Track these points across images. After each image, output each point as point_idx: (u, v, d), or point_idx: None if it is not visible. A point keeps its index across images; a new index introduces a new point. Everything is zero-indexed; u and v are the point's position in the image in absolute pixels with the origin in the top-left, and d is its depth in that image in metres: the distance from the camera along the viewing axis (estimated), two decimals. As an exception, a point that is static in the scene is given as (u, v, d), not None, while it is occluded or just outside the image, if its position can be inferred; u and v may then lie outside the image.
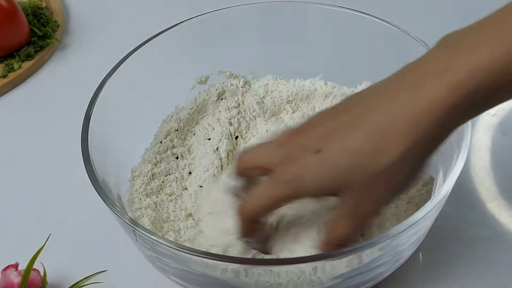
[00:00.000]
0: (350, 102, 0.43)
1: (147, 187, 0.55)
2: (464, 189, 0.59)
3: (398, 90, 0.39)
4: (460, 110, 0.38)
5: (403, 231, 0.42)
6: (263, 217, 0.45)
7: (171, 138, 0.59)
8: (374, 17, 0.59)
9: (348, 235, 0.42)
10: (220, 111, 0.62)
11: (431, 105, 0.38)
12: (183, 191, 0.56)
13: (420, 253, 0.54)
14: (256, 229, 0.46)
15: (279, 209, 0.44)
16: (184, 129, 0.61)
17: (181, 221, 0.53)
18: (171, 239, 0.51)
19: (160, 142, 0.58)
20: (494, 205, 0.58)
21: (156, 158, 0.57)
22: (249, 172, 0.46)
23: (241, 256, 0.47)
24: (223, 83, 0.63)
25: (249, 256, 0.47)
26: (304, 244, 0.46)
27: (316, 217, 0.47)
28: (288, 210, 0.47)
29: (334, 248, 0.42)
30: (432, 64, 0.39)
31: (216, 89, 0.63)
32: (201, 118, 0.62)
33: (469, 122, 0.48)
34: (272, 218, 0.47)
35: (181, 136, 0.60)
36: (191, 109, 0.62)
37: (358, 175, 0.40)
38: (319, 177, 0.41)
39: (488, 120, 0.66)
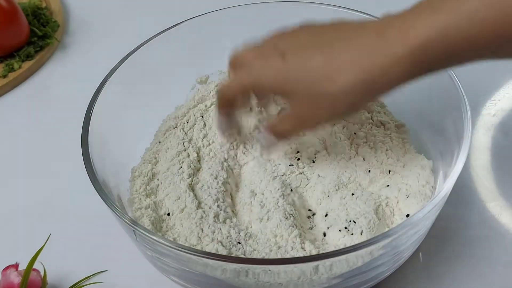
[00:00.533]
0: (330, 28, 0.46)
1: (147, 187, 0.55)
2: (464, 189, 0.59)
3: (367, 34, 0.43)
4: (414, 68, 0.41)
5: (403, 231, 0.42)
6: (232, 99, 0.51)
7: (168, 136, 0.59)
8: (374, 17, 0.58)
9: (285, 132, 0.49)
10: None
11: (386, 57, 0.41)
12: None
13: (420, 253, 0.54)
14: (228, 110, 0.53)
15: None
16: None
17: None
18: (171, 239, 0.51)
19: (159, 142, 0.58)
20: (494, 205, 0.58)
21: (155, 158, 0.57)
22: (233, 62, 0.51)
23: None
24: (222, 79, 0.63)
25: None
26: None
27: None
28: None
29: (271, 134, 0.50)
30: (399, 20, 0.42)
31: (215, 85, 0.63)
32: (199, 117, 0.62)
33: (469, 122, 0.48)
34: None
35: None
36: (190, 106, 0.62)
37: (306, 90, 0.45)
38: (275, 79, 0.46)
39: (488, 120, 0.66)
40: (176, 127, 0.59)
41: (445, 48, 0.40)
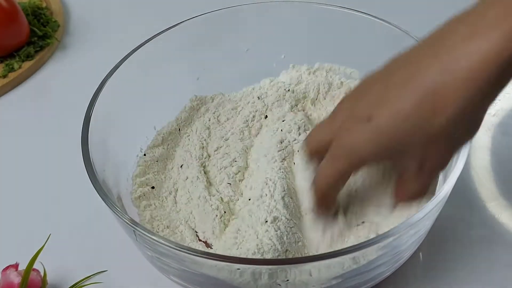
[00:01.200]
0: (396, 64, 0.41)
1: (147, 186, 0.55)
2: (464, 189, 0.59)
3: (446, 46, 0.38)
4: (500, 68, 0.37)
5: (403, 231, 0.42)
6: (334, 193, 0.45)
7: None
8: (374, 17, 0.59)
9: (419, 193, 0.43)
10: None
11: (485, 58, 0.36)
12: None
13: (420, 253, 0.54)
14: (330, 204, 0.46)
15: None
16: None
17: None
18: (172, 238, 0.51)
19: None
20: (494, 205, 0.58)
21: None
22: (315, 155, 0.46)
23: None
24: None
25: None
26: (384, 208, 0.46)
27: (381, 183, 0.48)
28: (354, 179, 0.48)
29: (410, 201, 0.43)
30: (481, 16, 0.37)
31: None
32: (198, 117, 0.62)
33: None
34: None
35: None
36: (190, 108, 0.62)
37: (414, 139, 0.39)
38: (374, 145, 0.40)
39: (488, 120, 0.66)
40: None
41: None
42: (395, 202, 0.45)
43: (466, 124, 0.39)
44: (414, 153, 0.40)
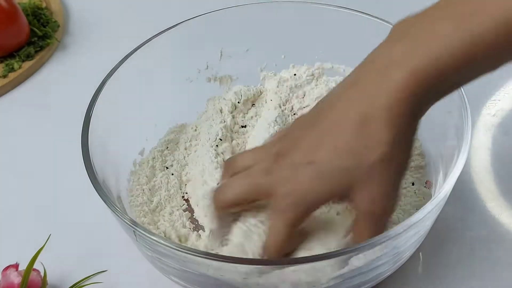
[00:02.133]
0: (324, 106, 0.43)
1: (148, 185, 0.55)
2: (464, 190, 0.59)
3: (366, 84, 0.40)
4: (430, 90, 0.39)
5: (403, 231, 0.42)
6: (290, 248, 0.43)
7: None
8: (374, 17, 0.59)
9: (376, 233, 0.42)
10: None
11: (399, 91, 0.39)
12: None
13: (420, 253, 0.54)
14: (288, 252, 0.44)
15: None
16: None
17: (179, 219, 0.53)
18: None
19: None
20: (494, 205, 0.58)
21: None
22: (230, 209, 0.44)
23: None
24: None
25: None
26: (329, 241, 0.44)
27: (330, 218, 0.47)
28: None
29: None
30: (390, 54, 0.40)
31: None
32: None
33: (469, 122, 0.48)
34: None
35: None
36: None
37: (356, 173, 0.39)
38: (320, 188, 0.40)
39: (488, 120, 0.66)
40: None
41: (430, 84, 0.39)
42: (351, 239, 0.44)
43: (402, 149, 0.41)
44: (358, 189, 0.40)
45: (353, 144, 0.40)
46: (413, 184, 0.54)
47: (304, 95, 0.62)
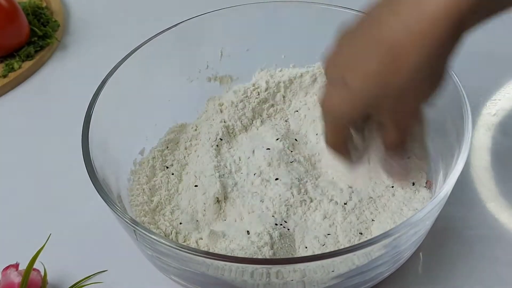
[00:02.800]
0: (361, 24, 0.44)
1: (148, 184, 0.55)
2: (464, 189, 0.59)
3: (402, 4, 0.40)
4: (470, 13, 0.39)
5: (403, 231, 0.42)
6: (342, 144, 0.50)
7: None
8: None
9: (399, 141, 0.47)
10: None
11: (439, 11, 0.39)
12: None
13: (420, 253, 0.54)
14: (344, 152, 0.51)
15: None
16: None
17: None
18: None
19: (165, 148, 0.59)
20: (494, 205, 0.58)
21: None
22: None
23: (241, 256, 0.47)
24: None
25: None
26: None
27: None
28: None
29: (395, 151, 0.49)
30: None
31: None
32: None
33: (470, 122, 0.48)
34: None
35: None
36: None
37: (384, 94, 0.43)
38: (351, 108, 0.45)
39: (488, 120, 0.66)
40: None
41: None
42: (385, 154, 0.51)
43: (428, 76, 0.42)
44: (388, 107, 0.44)
45: (382, 68, 0.42)
46: (413, 184, 0.54)
47: (306, 95, 0.62)
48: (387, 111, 0.44)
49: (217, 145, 0.58)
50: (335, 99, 0.46)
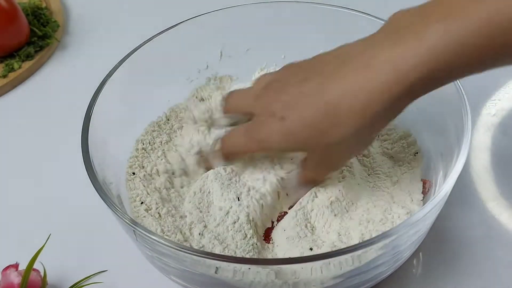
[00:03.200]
0: (315, 66, 0.47)
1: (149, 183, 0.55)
2: (464, 189, 0.59)
3: (351, 70, 0.43)
4: (409, 95, 0.42)
5: (403, 231, 0.42)
6: (238, 156, 0.53)
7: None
8: (374, 17, 0.58)
9: (318, 179, 0.51)
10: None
11: (379, 90, 0.41)
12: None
13: (420, 253, 0.54)
14: (232, 160, 0.54)
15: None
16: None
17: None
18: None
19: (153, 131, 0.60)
20: (494, 205, 0.58)
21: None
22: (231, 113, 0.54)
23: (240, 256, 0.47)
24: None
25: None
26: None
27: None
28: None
29: (305, 184, 0.52)
30: (380, 48, 0.42)
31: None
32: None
33: (469, 122, 0.48)
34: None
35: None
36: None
37: (314, 144, 0.46)
38: (282, 142, 0.47)
39: (488, 120, 0.66)
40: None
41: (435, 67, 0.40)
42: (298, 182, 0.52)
43: (357, 141, 0.46)
44: (313, 154, 0.48)
45: (319, 122, 0.44)
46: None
47: None
48: (312, 156, 0.48)
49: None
50: (268, 130, 0.47)
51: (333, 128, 0.44)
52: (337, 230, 0.50)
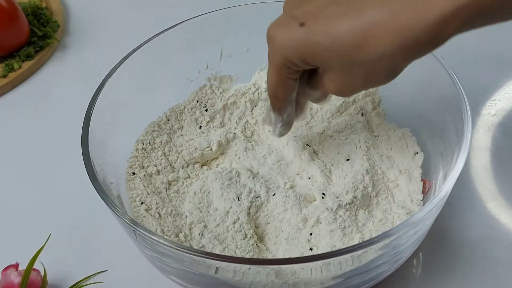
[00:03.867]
0: None
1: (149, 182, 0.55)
2: (464, 189, 0.59)
3: None
4: (455, 23, 0.37)
5: (403, 231, 0.42)
6: (281, 93, 0.48)
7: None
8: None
9: (318, 100, 0.49)
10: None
11: (426, 12, 0.37)
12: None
13: (420, 253, 0.54)
14: (281, 105, 0.49)
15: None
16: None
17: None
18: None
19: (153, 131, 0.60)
20: (494, 205, 0.58)
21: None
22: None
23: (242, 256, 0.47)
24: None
25: None
26: None
27: None
28: None
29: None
30: None
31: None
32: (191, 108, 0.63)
33: (469, 122, 0.48)
34: None
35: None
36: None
37: (337, 60, 0.40)
38: (299, 50, 0.42)
39: (488, 120, 0.66)
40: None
41: None
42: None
43: (389, 67, 0.40)
44: (333, 71, 0.42)
45: (348, 36, 0.39)
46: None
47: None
48: (333, 75, 0.42)
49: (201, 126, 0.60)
50: (285, 34, 0.42)
51: (364, 45, 0.38)
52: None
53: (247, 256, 0.49)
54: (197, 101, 0.62)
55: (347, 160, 0.55)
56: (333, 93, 0.45)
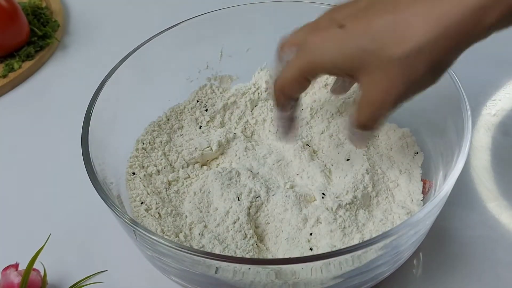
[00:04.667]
0: None
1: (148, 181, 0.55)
2: (464, 189, 0.59)
3: None
4: (497, 9, 0.37)
5: (403, 231, 0.42)
6: (290, 92, 0.46)
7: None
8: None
9: (368, 122, 0.43)
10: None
11: (462, 11, 0.36)
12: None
13: (420, 253, 0.54)
14: (285, 103, 0.48)
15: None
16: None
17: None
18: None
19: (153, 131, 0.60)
20: (494, 205, 0.58)
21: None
22: (285, 51, 0.46)
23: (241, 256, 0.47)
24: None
25: None
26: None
27: None
28: None
29: (357, 128, 0.44)
30: None
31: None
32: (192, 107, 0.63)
33: (469, 123, 0.48)
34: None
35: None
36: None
37: (374, 57, 0.39)
38: (337, 51, 0.41)
39: (488, 120, 0.66)
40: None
41: None
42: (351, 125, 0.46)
43: (429, 62, 0.39)
44: (369, 74, 0.40)
45: (386, 32, 0.39)
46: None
47: (305, 95, 0.62)
48: (369, 76, 0.40)
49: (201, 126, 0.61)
50: (323, 37, 0.41)
51: (401, 38, 0.38)
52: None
53: (247, 256, 0.49)
54: (197, 101, 0.62)
55: (347, 160, 0.55)
56: (372, 105, 0.42)
